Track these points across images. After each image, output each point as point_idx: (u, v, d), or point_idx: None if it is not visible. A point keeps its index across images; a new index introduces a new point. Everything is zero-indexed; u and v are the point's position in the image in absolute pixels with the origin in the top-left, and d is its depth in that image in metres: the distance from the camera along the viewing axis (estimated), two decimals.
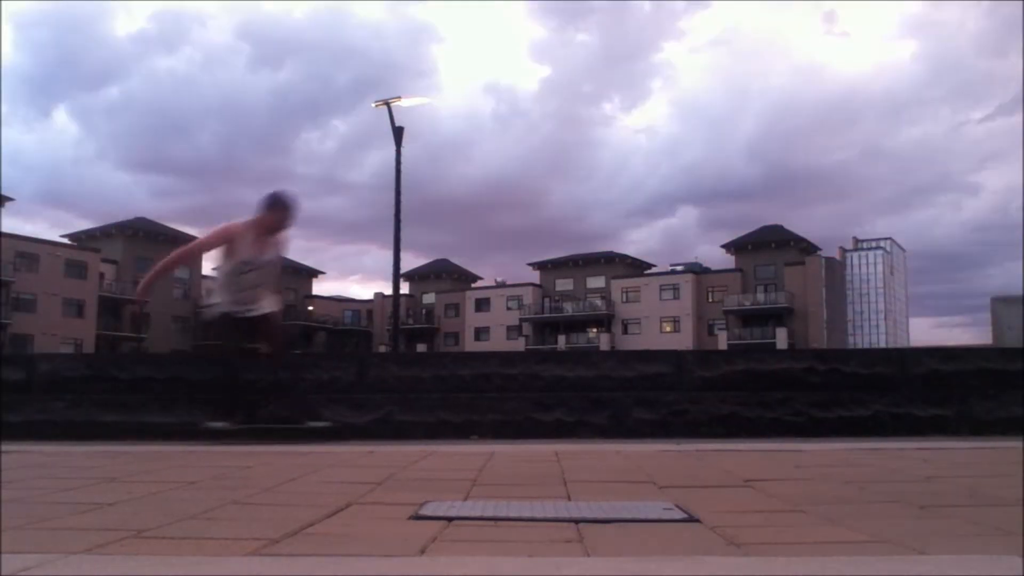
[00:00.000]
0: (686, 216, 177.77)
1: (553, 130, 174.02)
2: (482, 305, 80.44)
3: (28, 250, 58.88)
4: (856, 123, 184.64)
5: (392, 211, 20.81)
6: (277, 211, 5.27)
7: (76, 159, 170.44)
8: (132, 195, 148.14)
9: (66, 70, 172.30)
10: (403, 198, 20.93)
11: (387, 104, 22.24)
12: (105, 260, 64.51)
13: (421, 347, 75.56)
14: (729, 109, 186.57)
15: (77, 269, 61.74)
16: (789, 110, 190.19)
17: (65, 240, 66.95)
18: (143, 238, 68.30)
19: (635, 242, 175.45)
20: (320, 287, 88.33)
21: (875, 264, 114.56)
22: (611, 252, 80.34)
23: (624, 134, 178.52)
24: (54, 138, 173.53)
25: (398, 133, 21.55)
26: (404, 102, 23.34)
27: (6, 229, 56.83)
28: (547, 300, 77.69)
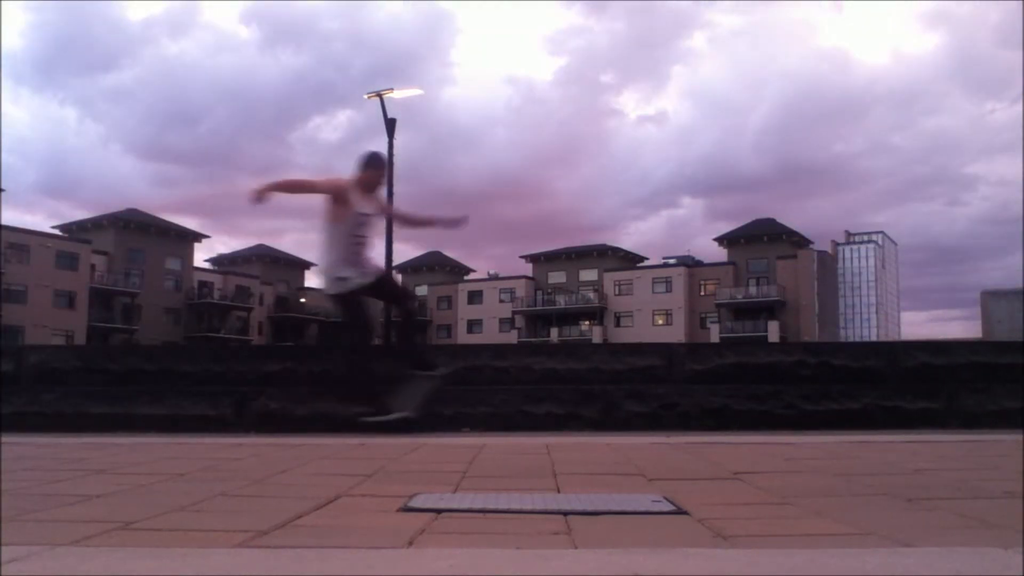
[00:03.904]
0: (693, 208, 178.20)
1: (566, 120, 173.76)
2: (475, 297, 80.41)
3: (19, 241, 58.51)
4: (869, 114, 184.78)
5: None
6: (376, 169, 5.41)
7: (78, 147, 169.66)
8: (133, 183, 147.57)
9: (72, 54, 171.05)
10: (404, 189, 20.96)
11: (379, 96, 22.21)
12: (96, 251, 64.18)
13: None
14: (744, 99, 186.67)
15: (68, 260, 61.42)
16: (806, 100, 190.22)
17: (56, 231, 66.57)
18: (134, 229, 67.97)
19: (639, 233, 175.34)
20: (313, 279, 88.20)
21: (867, 258, 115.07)
22: (604, 245, 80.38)
23: (636, 124, 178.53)
24: (56, 126, 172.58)
25: (390, 125, 21.52)
26: (396, 93, 23.30)
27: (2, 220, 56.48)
28: (540, 293, 77.69)
